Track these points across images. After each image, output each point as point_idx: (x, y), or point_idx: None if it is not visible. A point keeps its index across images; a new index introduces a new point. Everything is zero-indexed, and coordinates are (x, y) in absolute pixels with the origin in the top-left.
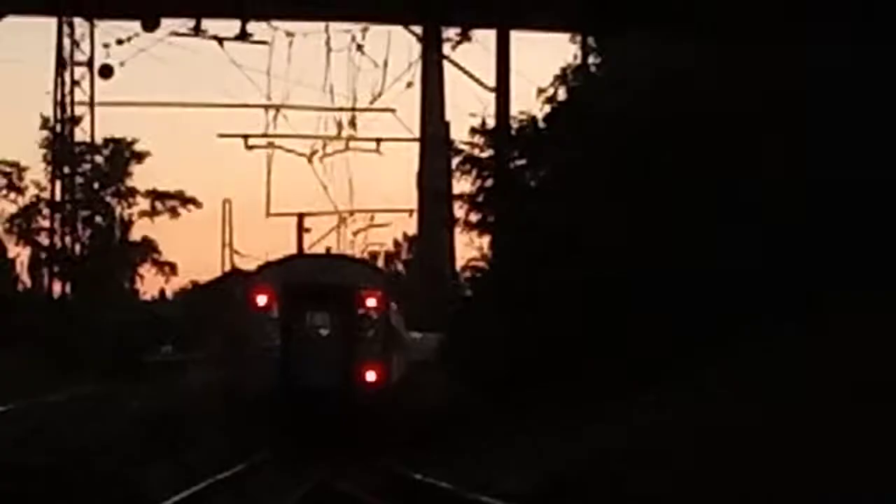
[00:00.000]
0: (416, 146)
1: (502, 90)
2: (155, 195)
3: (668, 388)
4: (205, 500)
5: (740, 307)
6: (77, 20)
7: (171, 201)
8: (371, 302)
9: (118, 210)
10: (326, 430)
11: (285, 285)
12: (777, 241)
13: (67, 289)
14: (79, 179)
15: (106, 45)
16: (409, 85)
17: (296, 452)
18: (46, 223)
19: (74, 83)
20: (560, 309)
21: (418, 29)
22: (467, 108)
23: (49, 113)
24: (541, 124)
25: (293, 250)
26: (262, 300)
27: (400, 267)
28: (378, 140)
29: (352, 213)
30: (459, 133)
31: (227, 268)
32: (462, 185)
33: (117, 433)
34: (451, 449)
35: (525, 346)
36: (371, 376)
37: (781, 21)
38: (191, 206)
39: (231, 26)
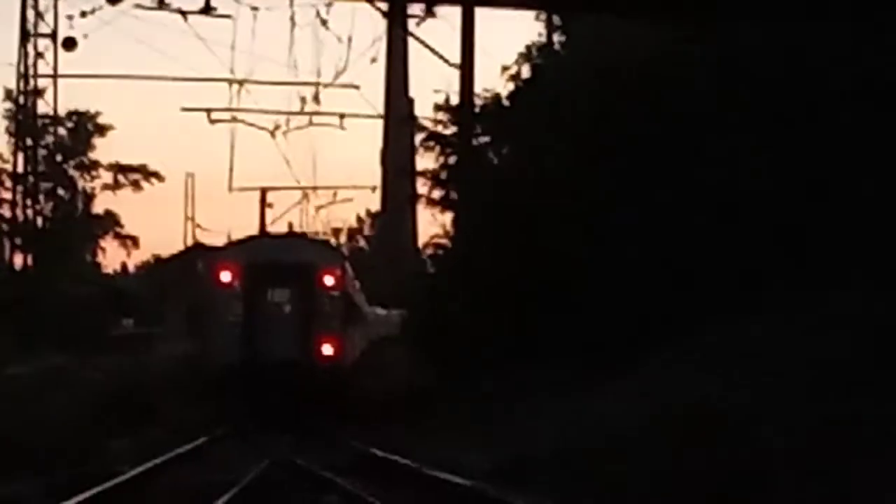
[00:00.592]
0: (379, 122)
1: (467, 67)
2: (118, 168)
3: (629, 370)
4: (165, 473)
5: (700, 288)
6: None
7: (134, 175)
8: (329, 280)
9: (81, 183)
10: (286, 401)
11: (248, 264)
12: (732, 223)
13: (29, 261)
14: (41, 152)
15: (70, 17)
16: (374, 61)
17: (256, 424)
18: (8, 195)
19: (38, 55)
20: (520, 288)
21: (383, 5)
22: (432, 85)
23: (12, 85)
24: (505, 102)
25: (256, 225)
26: (226, 277)
27: (363, 243)
28: (342, 116)
29: (315, 188)
30: (424, 110)
31: (190, 242)
32: (425, 161)
33: (78, 405)
34: (411, 426)
35: (485, 325)
36: (328, 350)
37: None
38: (154, 180)
39: (195, 0)
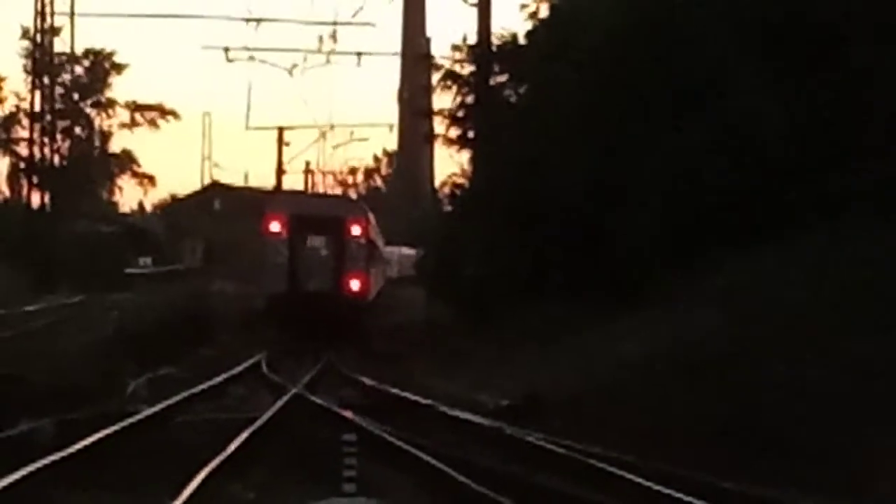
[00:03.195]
0: (397, 61)
1: (484, 5)
2: (135, 107)
3: (641, 307)
4: None
5: (709, 228)
6: None
7: (151, 113)
8: (356, 230)
9: (97, 121)
10: (323, 324)
11: (292, 215)
12: (747, 160)
13: (47, 199)
14: (59, 90)
15: None
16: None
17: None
18: (26, 133)
19: None
20: (535, 227)
21: None
22: (449, 24)
23: (29, 23)
24: (522, 40)
25: (273, 163)
26: (275, 227)
27: (379, 182)
28: (359, 54)
29: (332, 127)
30: (441, 49)
31: (207, 181)
32: (442, 100)
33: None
34: (425, 362)
35: (500, 263)
36: (355, 285)
37: None
38: (170, 118)
39: None
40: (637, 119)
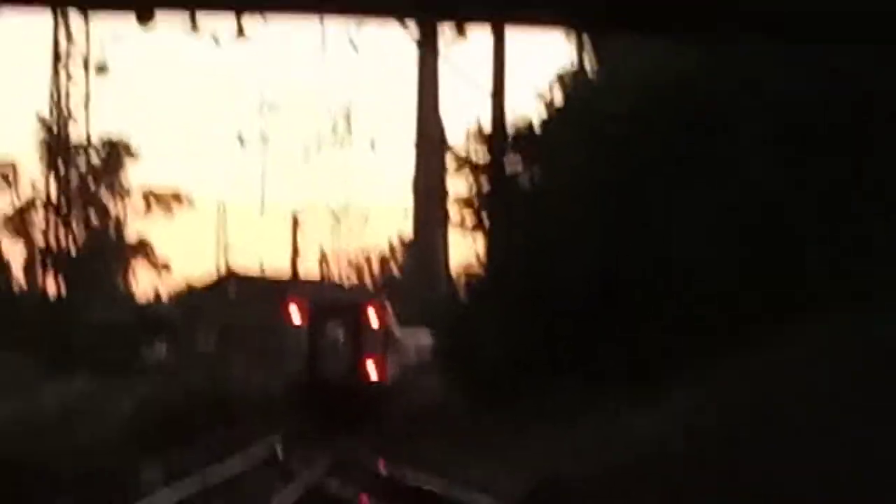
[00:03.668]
0: (411, 145)
1: (499, 93)
2: (150, 194)
3: (658, 392)
4: None
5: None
6: (72, 16)
7: (166, 200)
8: (374, 316)
9: (113, 209)
10: (341, 410)
11: (311, 303)
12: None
13: (62, 288)
14: (74, 177)
15: (101, 42)
16: (405, 83)
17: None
18: (41, 221)
19: (70, 80)
20: (552, 312)
21: (414, 27)
22: (463, 109)
23: (44, 111)
24: (537, 128)
25: (288, 249)
26: (294, 314)
27: (394, 266)
28: (373, 139)
29: (347, 211)
30: (455, 133)
31: (222, 266)
32: (457, 185)
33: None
34: (445, 445)
35: (518, 347)
36: (373, 370)
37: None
38: (185, 205)
39: (227, 24)
40: (654, 203)
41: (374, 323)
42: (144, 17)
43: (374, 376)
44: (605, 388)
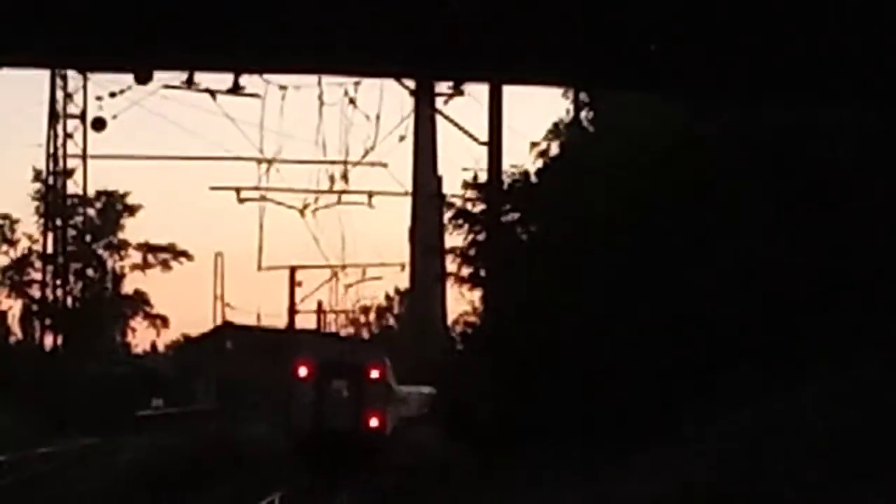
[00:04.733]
0: (408, 200)
1: (495, 144)
2: (147, 248)
3: (657, 449)
4: None
5: (726, 367)
6: (70, 73)
7: (163, 254)
8: (375, 373)
9: (110, 263)
10: (346, 457)
11: (317, 362)
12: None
13: (59, 341)
14: (71, 232)
15: (99, 98)
16: (402, 139)
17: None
18: (38, 275)
19: (67, 136)
20: (549, 366)
21: (411, 83)
22: (460, 162)
23: (41, 165)
24: (533, 178)
25: (285, 303)
26: (302, 372)
27: (392, 321)
28: (370, 194)
29: (344, 266)
30: (452, 187)
31: (219, 321)
32: (454, 239)
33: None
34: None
35: (515, 403)
36: (374, 422)
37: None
38: (183, 259)
39: (224, 79)
40: (648, 257)
41: (375, 381)
42: (142, 78)
43: (374, 426)
44: (604, 444)
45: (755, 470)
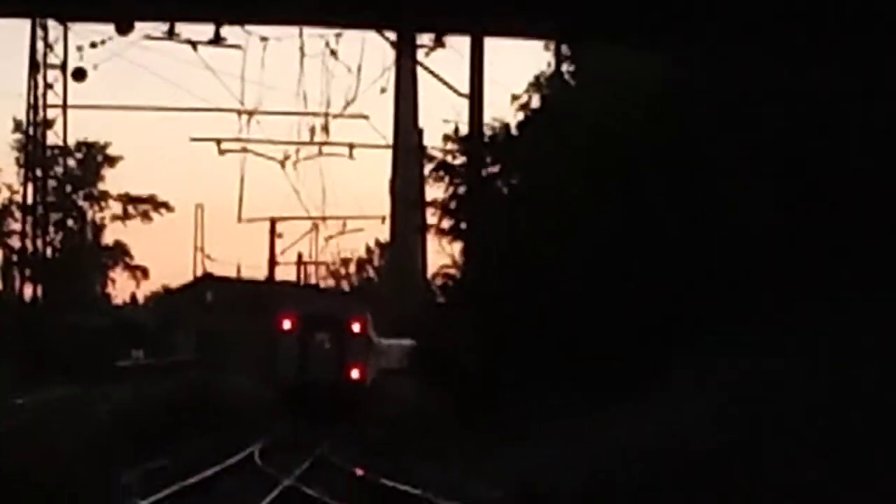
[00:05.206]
0: (389, 152)
1: (476, 97)
2: (127, 199)
3: (636, 396)
4: None
5: (709, 310)
6: (51, 23)
7: (144, 205)
8: (356, 327)
9: (90, 214)
10: (327, 408)
11: (301, 315)
12: (746, 246)
13: (39, 292)
14: (51, 182)
15: (79, 48)
16: (383, 91)
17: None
18: (18, 226)
19: (47, 86)
20: (529, 317)
21: (392, 35)
22: (441, 115)
23: (22, 116)
24: (514, 131)
25: (265, 255)
26: (287, 325)
27: (372, 273)
28: (351, 146)
29: (324, 218)
30: (433, 139)
31: (199, 272)
32: (435, 191)
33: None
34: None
35: (494, 354)
36: (356, 374)
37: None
38: (163, 211)
39: (205, 30)
40: (630, 208)
41: (357, 334)
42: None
43: (356, 377)
44: (586, 394)
45: (742, 421)
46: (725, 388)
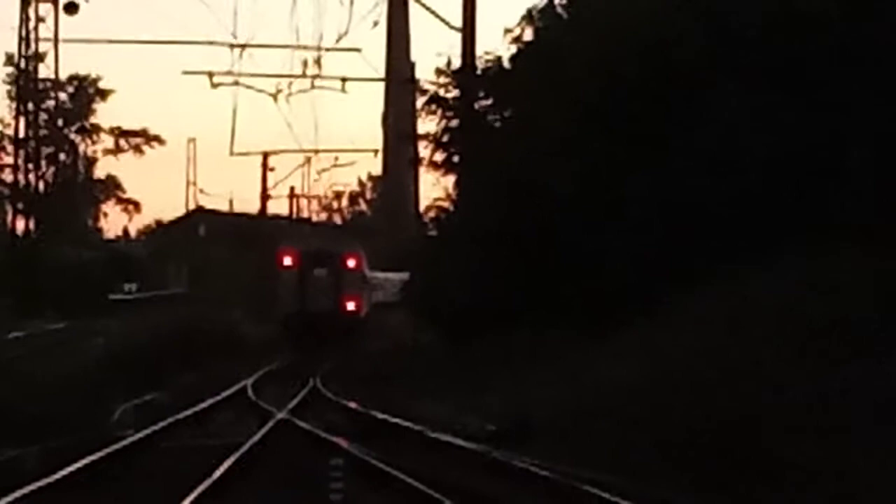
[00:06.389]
0: (381, 86)
1: (468, 30)
2: (119, 132)
3: (626, 331)
4: None
5: (696, 251)
6: None
7: (136, 139)
8: (351, 262)
9: (82, 147)
10: (325, 336)
11: (301, 251)
12: (732, 183)
13: (31, 225)
14: (43, 116)
15: None
16: (376, 24)
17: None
18: (10, 160)
19: (39, 19)
20: (522, 250)
21: None
22: (433, 49)
23: (13, 49)
24: (506, 64)
25: (258, 188)
26: (287, 261)
27: (364, 206)
28: (343, 79)
29: (316, 152)
30: (425, 73)
31: (192, 206)
32: (427, 125)
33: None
34: (412, 387)
35: (487, 285)
36: (351, 306)
37: None
38: (155, 144)
39: None
40: (622, 143)
41: (352, 269)
42: None
43: (352, 309)
44: (579, 328)
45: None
46: (720, 321)
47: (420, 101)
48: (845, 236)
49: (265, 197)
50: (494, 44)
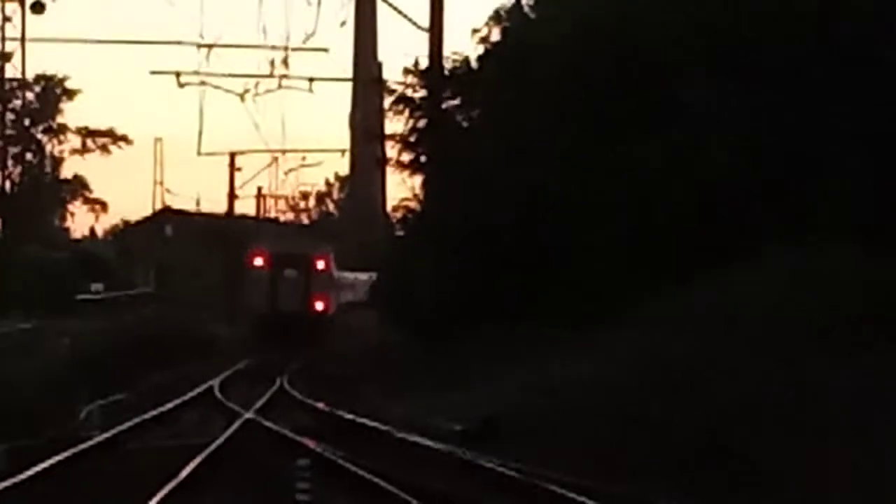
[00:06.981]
0: (348, 86)
1: (436, 30)
2: (86, 132)
3: (595, 330)
4: None
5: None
6: None
7: (103, 138)
8: (321, 264)
9: (49, 147)
10: (295, 335)
11: (272, 253)
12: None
13: None
14: (9, 116)
15: None
16: (343, 24)
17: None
18: None
19: (6, 19)
20: (489, 249)
21: None
22: (401, 49)
23: None
24: (474, 64)
25: (225, 189)
26: (258, 261)
27: (332, 206)
28: (311, 79)
29: (284, 152)
30: (392, 73)
31: (158, 206)
32: (394, 124)
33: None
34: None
35: (453, 286)
36: (320, 305)
37: None
38: (122, 144)
39: None
40: (590, 141)
41: (321, 270)
42: None
43: (320, 308)
44: (546, 329)
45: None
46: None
47: (387, 101)
48: (832, 236)
49: (232, 197)
50: (462, 44)
